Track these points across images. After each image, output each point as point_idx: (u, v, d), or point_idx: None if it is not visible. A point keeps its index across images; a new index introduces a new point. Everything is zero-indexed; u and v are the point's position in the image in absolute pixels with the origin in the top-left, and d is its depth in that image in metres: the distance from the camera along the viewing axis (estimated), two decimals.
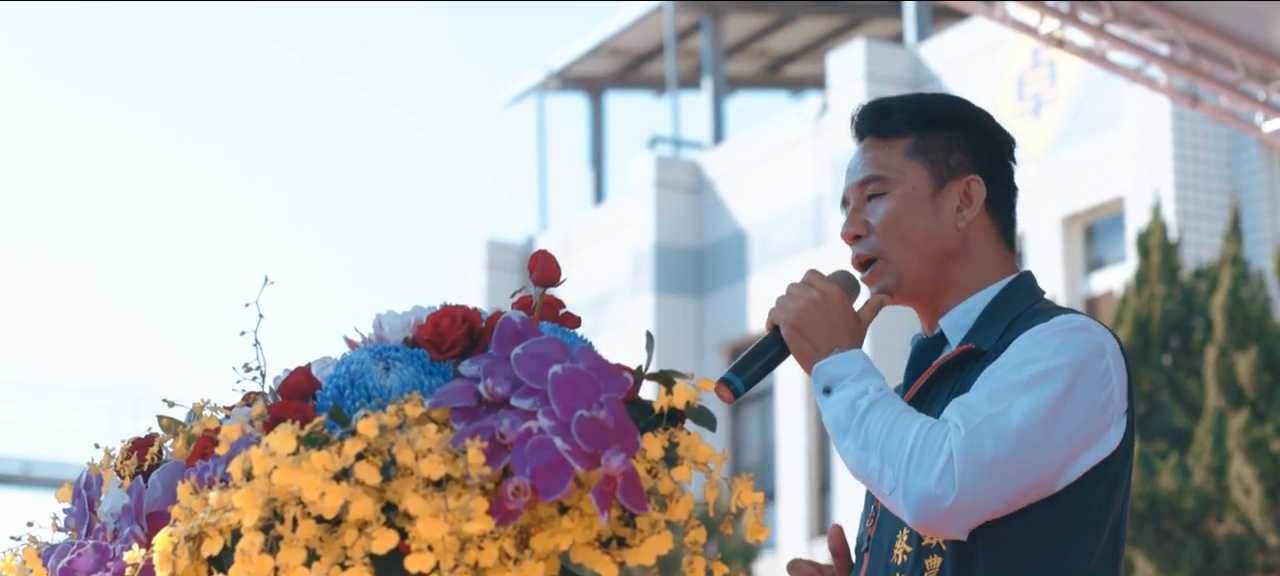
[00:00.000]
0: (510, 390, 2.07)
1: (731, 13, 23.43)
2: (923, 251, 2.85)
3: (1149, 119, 16.15)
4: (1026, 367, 2.66)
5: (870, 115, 2.93)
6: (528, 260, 2.36)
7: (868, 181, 2.88)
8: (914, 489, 2.58)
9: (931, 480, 2.57)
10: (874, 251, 2.85)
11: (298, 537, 1.98)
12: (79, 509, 2.35)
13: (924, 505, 2.58)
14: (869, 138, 2.92)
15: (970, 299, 2.86)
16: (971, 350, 2.78)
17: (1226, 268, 12.81)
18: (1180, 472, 12.29)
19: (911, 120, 2.91)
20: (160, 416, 2.36)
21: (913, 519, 2.61)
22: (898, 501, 2.61)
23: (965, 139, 2.91)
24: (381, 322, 2.29)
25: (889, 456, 2.61)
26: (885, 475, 2.61)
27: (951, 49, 18.76)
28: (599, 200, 25.29)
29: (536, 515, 2.04)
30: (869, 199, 2.88)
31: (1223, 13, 8.33)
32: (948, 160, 2.89)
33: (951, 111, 2.94)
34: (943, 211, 2.87)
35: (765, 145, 21.36)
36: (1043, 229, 17.00)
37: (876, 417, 2.64)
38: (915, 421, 2.62)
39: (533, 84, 25.34)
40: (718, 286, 21.79)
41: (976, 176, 2.88)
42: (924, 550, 2.73)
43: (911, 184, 2.87)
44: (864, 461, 2.64)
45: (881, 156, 2.89)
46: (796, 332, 2.73)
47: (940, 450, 2.58)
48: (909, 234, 2.85)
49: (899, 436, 2.61)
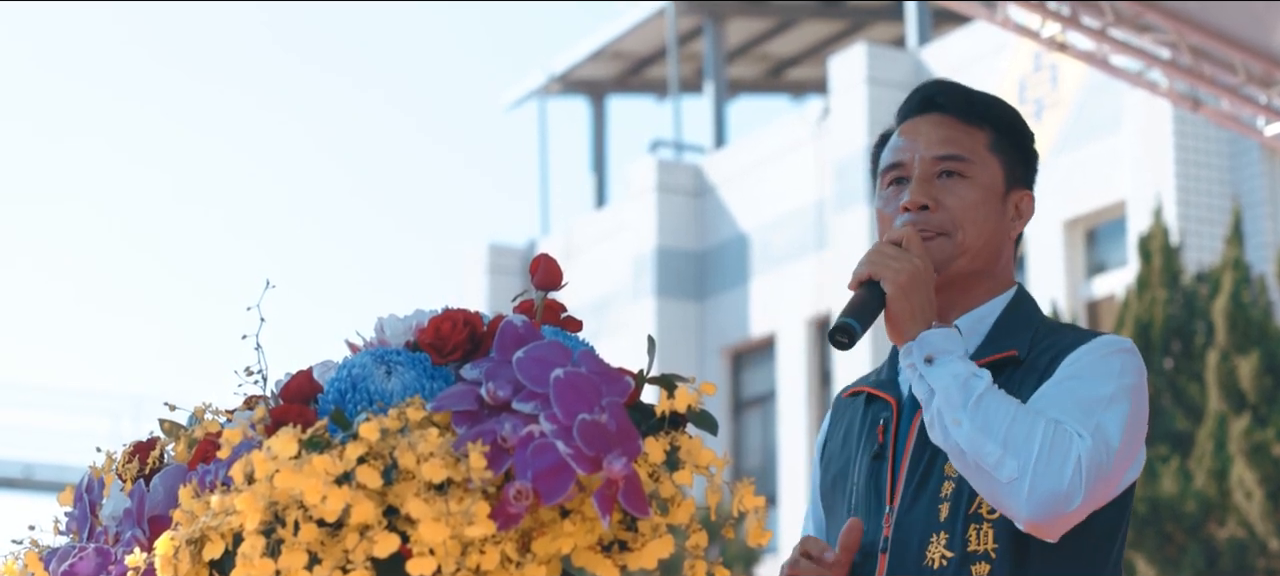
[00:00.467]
0: (512, 394, 2.07)
1: (733, 16, 23.44)
2: (987, 246, 2.86)
3: (1150, 123, 16.15)
4: (1103, 384, 2.71)
5: (955, 94, 2.92)
6: (529, 264, 2.35)
7: (948, 158, 2.86)
8: (1044, 486, 2.60)
9: (1063, 481, 2.60)
10: (943, 227, 2.83)
11: (299, 541, 1.98)
12: (80, 512, 2.35)
13: (1051, 503, 2.61)
14: (948, 116, 2.90)
15: (987, 304, 2.87)
16: (1013, 358, 2.80)
17: (1228, 271, 12.81)
18: (1182, 476, 12.29)
19: (995, 117, 2.91)
20: (162, 420, 2.36)
21: (1030, 514, 2.62)
22: (1016, 492, 2.61)
23: (1030, 154, 2.95)
24: (383, 326, 2.29)
25: (1014, 447, 2.61)
26: (1006, 464, 2.61)
27: (953, 53, 18.76)
28: (601, 204, 25.29)
29: (538, 519, 2.04)
30: (942, 175, 2.86)
31: (1224, 16, 8.32)
32: (1016, 168, 2.91)
33: (1024, 124, 2.97)
34: (1005, 215, 2.89)
35: (767, 149, 21.36)
36: (1044, 232, 17.01)
37: (995, 404, 2.64)
38: (1039, 419, 2.64)
39: (534, 87, 25.34)
40: (719, 290, 21.79)
41: (1031, 194, 2.92)
42: (970, 556, 2.73)
43: (992, 177, 2.88)
44: (978, 444, 2.63)
45: (963, 139, 2.88)
46: (903, 295, 2.71)
47: (1068, 453, 2.61)
48: (984, 224, 2.85)
49: (1025, 430, 2.62)
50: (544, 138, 25.48)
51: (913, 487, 2.81)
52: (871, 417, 2.92)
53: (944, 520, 2.76)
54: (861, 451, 2.90)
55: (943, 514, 2.76)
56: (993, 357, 2.79)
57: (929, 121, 2.89)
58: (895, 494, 2.82)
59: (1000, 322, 2.85)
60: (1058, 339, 2.81)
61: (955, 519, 2.75)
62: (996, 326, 2.85)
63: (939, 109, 2.90)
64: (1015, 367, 2.78)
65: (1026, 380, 2.76)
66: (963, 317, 2.86)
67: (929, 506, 2.78)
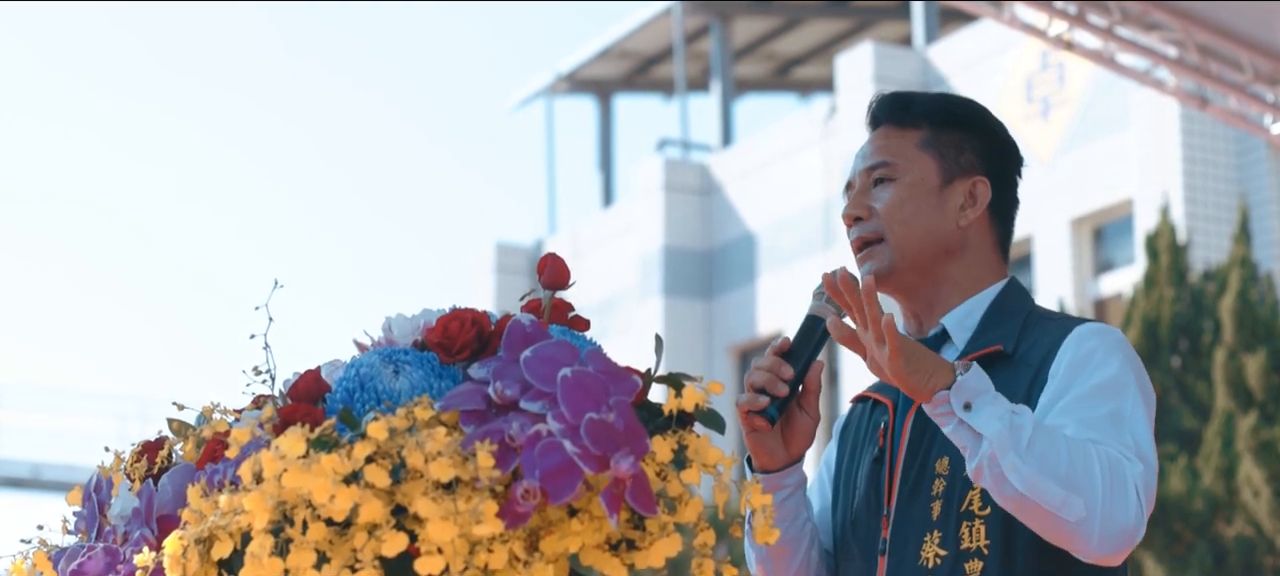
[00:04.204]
0: (519, 393, 2.08)
1: (740, 15, 23.43)
2: (922, 241, 2.87)
3: (1157, 121, 16.13)
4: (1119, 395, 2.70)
5: (888, 104, 2.97)
6: (537, 263, 2.36)
7: (876, 167, 2.92)
8: (1117, 524, 2.59)
9: (1130, 516, 2.60)
10: (874, 233, 2.88)
11: (307, 540, 1.99)
12: (89, 512, 2.35)
13: (1123, 538, 2.61)
14: (885, 126, 2.96)
15: (970, 299, 2.89)
16: (999, 352, 2.79)
17: (1235, 270, 12.79)
18: (1189, 475, 12.28)
19: (929, 114, 2.94)
20: (170, 419, 2.36)
21: (1102, 550, 2.61)
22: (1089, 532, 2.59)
23: (978, 141, 2.95)
24: (391, 326, 2.29)
25: (1078, 487, 2.57)
26: (1072, 504, 2.57)
27: (960, 51, 18.75)
28: (608, 203, 25.29)
29: (546, 517, 2.05)
30: (875, 184, 2.91)
31: (1231, 15, 8.32)
32: (958, 158, 2.92)
33: (968, 112, 2.98)
34: (946, 206, 2.90)
35: (774, 148, 21.36)
36: (1051, 231, 16.99)
37: (1047, 443, 2.58)
38: (1090, 450, 2.61)
39: (541, 87, 25.34)
40: (727, 289, 21.78)
41: (983, 178, 2.92)
42: (963, 554, 2.73)
43: (920, 174, 2.90)
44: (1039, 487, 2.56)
45: (893, 144, 2.93)
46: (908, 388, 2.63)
47: (1127, 484, 2.61)
48: (911, 221, 2.87)
49: (1083, 468, 2.58)
50: (551, 137, 25.49)
51: (908, 488, 2.82)
52: (873, 421, 2.95)
53: (937, 519, 2.77)
54: (864, 454, 2.93)
55: (935, 512, 2.77)
56: (979, 353, 2.79)
57: (874, 137, 2.97)
58: (892, 495, 2.83)
59: (988, 316, 2.86)
60: (1045, 331, 2.80)
61: (948, 517, 2.76)
62: (984, 320, 2.86)
63: (878, 122, 2.98)
64: (1004, 362, 2.78)
65: (1017, 374, 2.76)
66: (948, 315, 2.87)
67: (923, 506, 2.79)
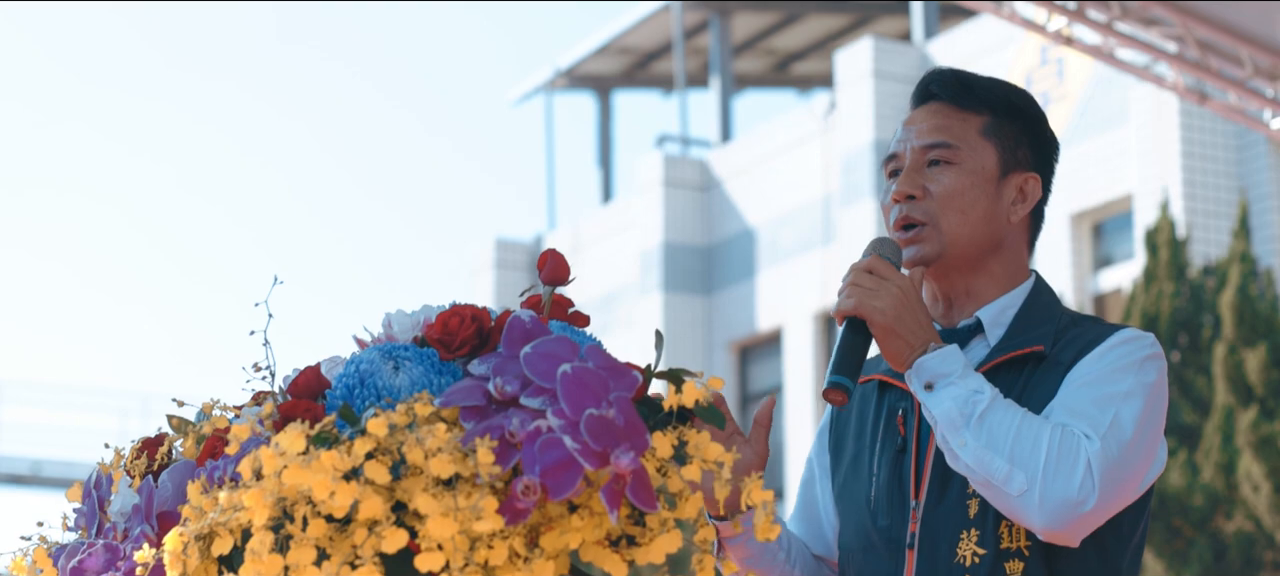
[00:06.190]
0: (519, 389, 2.07)
1: (739, 11, 23.42)
2: (975, 232, 2.82)
3: (1157, 116, 16.13)
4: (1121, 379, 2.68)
5: (950, 82, 2.89)
6: (536, 259, 2.35)
7: (935, 146, 2.85)
8: (1055, 494, 2.57)
9: (1073, 486, 2.57)
10: (926, 216, 2.82)
11: (308, 537, 1.99)
12: (89, 508, 2.35)
13: (1064, 510, 2.58)
14: (943, 104, 2.88)
15: (1006, 295, 2.84)
16: (1039, 353, 2.76)
17: (1235, 265, 12.79)
18: (1189, 470, 12.28)
19: (992, 100, 2.88)
20: (170, 416, 2.36)
21: (1045, 523, 2.59)
22: (1029, 503, 2.59)
23: (1033, 136, 2.90)
24: (391, 321, 2.29)
25: (1021, 460, 2.58)
26: (1015, 477, 2.58)
27: (959, 47, 18.74)
28: (607, 199, 25.29)
29: (546, 514, 2.05)
30: (931, 164, 2.85)
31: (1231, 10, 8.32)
32: (1016, 151, 2.87)
33: (1028, 105, 2.91)
34: (1001, 199, 2.85)
35: (773, 143, 21.35)
36: (1051, 226, 16.99)
37: (999, 419, 2.61)
38: (1045, 426, 2.60)
39: (541, 83, 25.33)
40: (726, 284, 21.78)
41: (1035, 175, 2.88)
42: (1003, 554, 2.70)
43: (982, 162, 2.84)
44: (986, 461, 2.60)
45: (954, 126, 2.86)
46: (890, 333, 2.67)
47: (1077, 457, 2.58)
48: (969, 210, 2.82)
49: (1030, 441, 2.59)
50: (551, 133, 25.48)
51: (938, 482, 2.77)
52: (888, 407, 2.89)
53: (974, 516, 2.73)
54: (881, 442, 2.87)
55: (972, 510, 2.73)
56: (1017, 353, 2.77)
57: (926, 111, 2.89)
58: (920, 489, 2.78)
59: (1022, 314, 2.82)
60: (1082, 333, 2.77)
61: (985, 515, 2.72)
62: (1018, 318, 2.82)
63: (935, 98, 2.90)
64: (1038, 362, 2.76)
65: (1049, 374, 2.74)
66: (984, 309, 2.83)
67: (957, 502, 2.75)
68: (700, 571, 2.10)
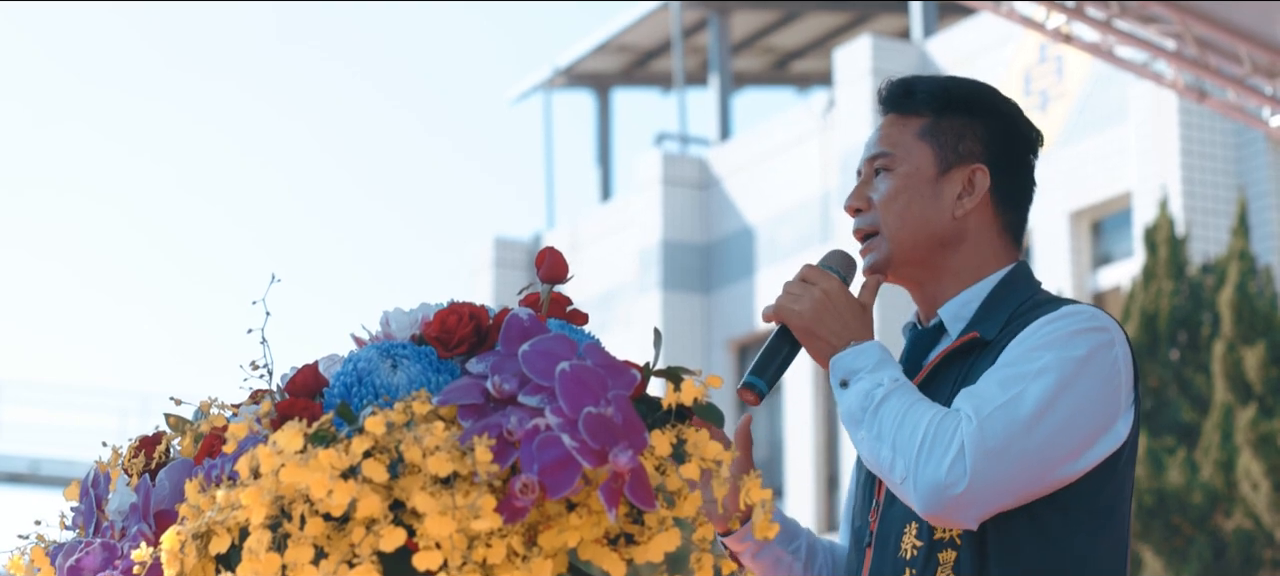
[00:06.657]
0: (518, 387, 2.07)
1: (738, 9, 23.42)
2: (916, 233, 2.85)
3: (1156, 114, 16.13)
4: (1037, 357, 2.65)
5: (894, 91, 2.94)
6: (535, 257, 2.35)
7: (877, 157, 2.90)
8: (925, 478, 2.57)
9: (943, 470, 2.56)
10: (872, 226, 2.86)
11: (305, 535, 1.98)
12: (87, 507, 2.35)
13: (935, 494, 2.57)
14: (891, 114, 2.93)
15: (969, 289, 2.85)
16: (976, 340, 2.77)
17: (1234, 262, 12.79)
18: (1188, 468, 12.29)
19: (930, 100, 2.90)
20: (168, 414, 2.35)
21: (923, 508, 2.60)
22: (908, 490, 2.60)
23: (981, 127, 2.89)
24: (389, 320, 2.29)
25: (900, 446, 2.60)
26: (896, 465, 2.61)
27: (958, 45, 18.75)
28: (606, 197, 25.29)
29: (544, 512, 2.04)
30: (876, 174, 2.89)
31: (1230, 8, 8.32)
32: (957, 146, 2.88)
33: (973, 97, 2.92)
34: (943, 196, 2.86)
35: (772, 141, 21.35)
36: (1050, 224, 16.99)
37: (890, 408, 2.63)
38: (928, 411, 2.61)
39: (540, 81, 25.33)
40: (725, 282, 21.78)
41: (983, 166, 2.87)
42: (936, 544, 2.71)
43: (916, 164, 2.87)
44: (877, 451, 2.64)
45: (895, 133, 2.90)
46: (810, 336, 2.74)
47: (951, 440, 2.57)
48: (905, 213, 2.85)
49: (911, 426, 2.60)
50: (549, 131, 25.48)
51: None
52: None
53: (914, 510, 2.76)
54: None
55: None
56: (959, 342, 2.78)
57: (882, 124, 2.95)
58: (881, 487, 2.83)
59: (985, 306, 2.82)
60: (1029, 316, 2.75)
61: None
62: (981, 310, 2.82)
63: (885, 108, 2.96)
64: (981, 350, 2.75)
65: (983, 360, 2.73)
66: (945, 306, 2.85)
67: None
68: (698, 569, 2.10)
